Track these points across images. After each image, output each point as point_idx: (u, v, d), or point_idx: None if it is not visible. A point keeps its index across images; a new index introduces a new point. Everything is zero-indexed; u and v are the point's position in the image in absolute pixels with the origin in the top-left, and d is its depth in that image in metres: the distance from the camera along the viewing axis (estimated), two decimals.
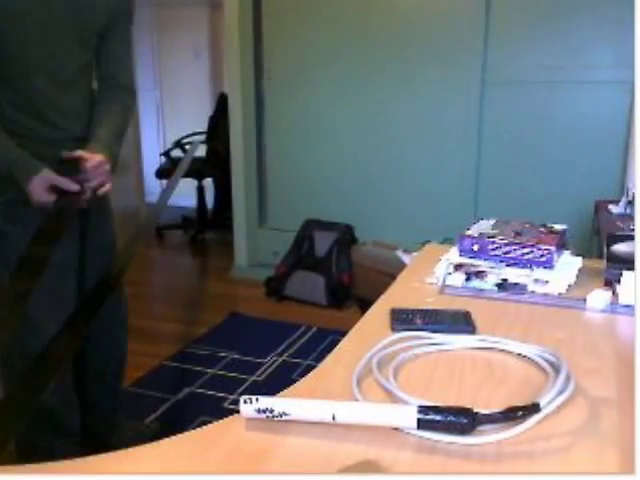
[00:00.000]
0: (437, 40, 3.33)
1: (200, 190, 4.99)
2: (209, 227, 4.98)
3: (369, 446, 0.75)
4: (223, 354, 2.88)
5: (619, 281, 1.21)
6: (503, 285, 1.28)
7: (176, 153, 4.77)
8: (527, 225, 1.44)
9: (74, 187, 1.54)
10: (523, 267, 1.30)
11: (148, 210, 2.91)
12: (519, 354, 0.99)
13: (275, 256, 3.80)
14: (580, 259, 1.38)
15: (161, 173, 4.78)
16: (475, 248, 1.34)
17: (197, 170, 4.71)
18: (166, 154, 4.81)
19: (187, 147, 4.80)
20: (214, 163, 4.68)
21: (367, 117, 3.58)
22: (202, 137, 4.85)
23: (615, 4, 2.98)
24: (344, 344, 1.03)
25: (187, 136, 4.87)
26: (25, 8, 1.48)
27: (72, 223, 1.70)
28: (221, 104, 4.50)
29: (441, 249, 1.51)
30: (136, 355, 2.90)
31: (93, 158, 1.58)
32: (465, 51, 3.28)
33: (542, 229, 1.41)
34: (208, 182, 5.06)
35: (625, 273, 1.21)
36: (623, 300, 1.20)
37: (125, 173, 4.49)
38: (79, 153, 1.58)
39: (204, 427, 0.79)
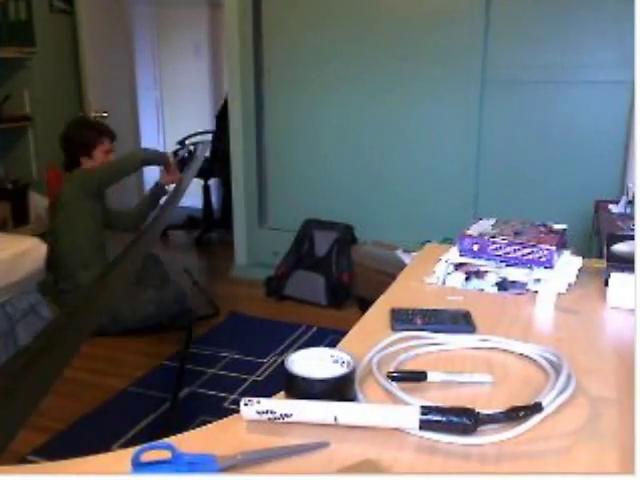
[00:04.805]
0: (437, 39, 3.33)
1: (206, 190, 4.98)
2: (215, 226, 4.98)
3: (369, 446, 0.75)
4: (223, 354, 2.88)
5: None
6: (503, 285, 1.28)
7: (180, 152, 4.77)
8: (527, 225, 1.44)
9: None
10: (523, 267, 1.30)
11: (155, 213, 2.98)
12: (520, 354, 0.99)
13: (275, 256, 3.80)
14: (580, 259, 1.38)
15: None
16: (475, 248, 1.34)
17: (203, 170, 4.70)
18: (174, 154, 4.79)
19: (191, 148, 4.79)
20: (222, 162, 4.67)
21: (367, 117, 3.58)
22: (206, 137, 4.85)
23: (615, 4, 2.98)
24: (344, 344, 1.03)
25: (190, 136, 4.87)
26: None
27: None
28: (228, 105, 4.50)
29: (441, 249, 1.50)
30: (136, 355, 2.91)
31: None
32: (465, 51, 3.28)
33: (542, 228, 1.41)
34: (213, 182, 5.06)
35: (613, 275, 1.20)
36: (611, 302, 1.19)
37: None
38: None
39: (204, 427, 0.79)
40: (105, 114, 4.05)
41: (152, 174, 5.13)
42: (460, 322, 1.09)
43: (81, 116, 3.49)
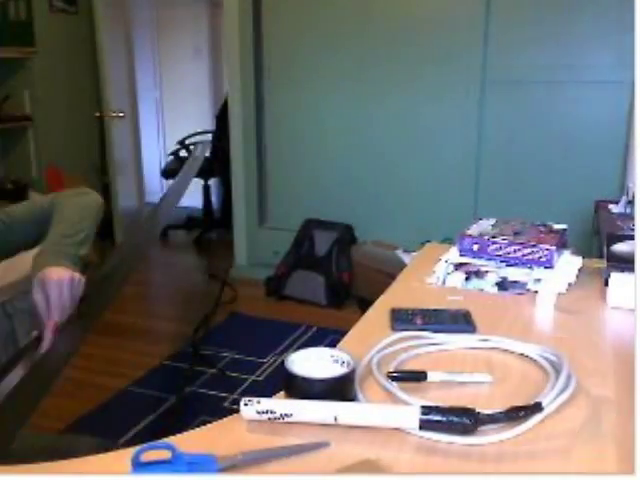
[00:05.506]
0: (437, 40, 3.33)
1: (206, 190, 4.98)
2: (215, 226, 4.98)
3: (369, 446, 0.75)
4: (223, 354, 2.88)
5: None
6: (503, 284, 1.28)
7: (180, 152, 4.78)
8: (527, 225, 1.44)
9: None
10: (523, 267, 1.30)
11: (152, 212, 2.96)
12: (520, 353, 0.99)
13: (275, 255, 3.80)
14: (580, 259, 1.38)
15: (168, 173, 4.77)
16: (475, 248, 1.34)
17: (203, 170, 4.70)
18: (174, 154, 4.80)
19: (191, 147, 4.79)
20: (222, 162, 4.68)
21: (367, 117, 3.58)
22: (206, 137, 4.85)
23: (615, 4, 2.98)
24: (344, 344, 1.03)
25: (190, 136, 4.87)
26: None
27: None
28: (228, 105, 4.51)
29: (441, 249, 1.50)
30: (136, 355, 2.91)
31: None
32: (465, 51, 3.28)
33: (542, 228, 1.41)
34: (213, 181, 5.07)
35: (613, 275, 1.20)
36: (611, 302, 1.19)
37: (124, 173, 4.49)
38: None
39: (204, 427, 0.79)
40: (122, 114, 4.09)
41: (149, 175, 5.15)
42: (460, 322, 1.09)
43: None
